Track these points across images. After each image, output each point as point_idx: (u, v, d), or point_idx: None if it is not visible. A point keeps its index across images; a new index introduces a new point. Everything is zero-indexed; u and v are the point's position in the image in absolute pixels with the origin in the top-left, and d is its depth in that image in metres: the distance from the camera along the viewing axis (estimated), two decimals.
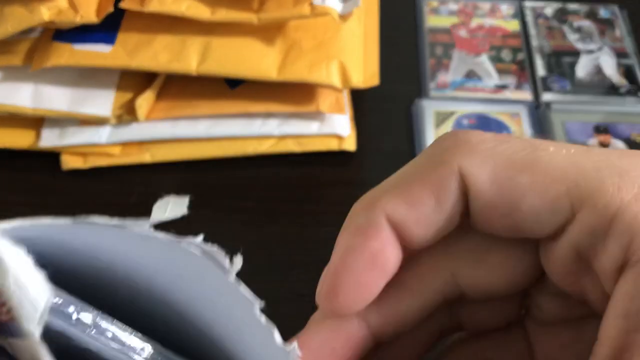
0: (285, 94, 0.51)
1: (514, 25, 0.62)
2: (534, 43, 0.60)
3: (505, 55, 0.60)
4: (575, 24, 0.62)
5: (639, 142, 0.53)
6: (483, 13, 0.63)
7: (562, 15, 0.63)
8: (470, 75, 0.58)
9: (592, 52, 0.60)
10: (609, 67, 0.59)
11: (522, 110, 0.55)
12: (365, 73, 0.52)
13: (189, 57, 0.49)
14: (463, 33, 0.61)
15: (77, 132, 0.51)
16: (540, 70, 0.58)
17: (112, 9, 0.48)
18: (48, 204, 0.50)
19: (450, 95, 0.57)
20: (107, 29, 0.50)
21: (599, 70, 0.58)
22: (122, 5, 0.48)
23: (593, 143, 0.53)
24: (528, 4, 0.64)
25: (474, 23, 0.62)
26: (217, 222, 0.49)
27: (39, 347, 0.16)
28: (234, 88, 0.52)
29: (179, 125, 0.51)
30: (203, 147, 0.52)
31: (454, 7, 0.63)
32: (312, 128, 0.51)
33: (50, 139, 0.51)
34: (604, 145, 0.53)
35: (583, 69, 0.59)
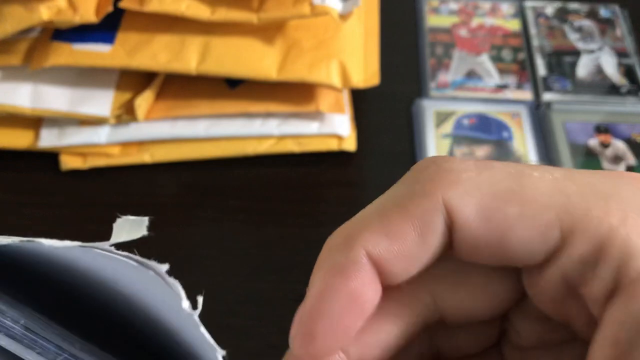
0: (285, 94, 0.51)
1: (515, 25, 0.62)
2: (535, 43, 0.60)
3: (506, 55, 0.59)
4: (576, 24, 0.62)
5: None
6: (483, 12, 0.63)
7: (562, 15, 0.63)
8: (471, 75, 0.58)
9: (592, 51, 0.60)
10: (610, 66, 0.59)
11: (522, 110, 0.55)
12: (366, 73, 0.52)
13: (189, 56, 0.49)
14: (463, 33, 0.61)
15: (76, 132, 0.51)
16: (541, 70, 0.58)
17: (111, 9, 0.48)
18: (48, 204, 0.50)
19: (451, 95, 0.56)
20: (106, 29, 0.50)
21: (600, 70, 0.58)
22: (121, 5, 0.48)
23: (594, 143, 0.53)
24: (529, 4, 0.64)
25: (475, 22, 0.62)
26: (217, 222, 0.49)
27: None
28: (234, 88, 0.52)
29: (179, 125, 0.51)
30: (202, 147, 0.52)
31: (455, 6, 0.63)
32: (312, 128, 0.51)
33: (49, 139, 0.51)
34: (605, 145, 0.53)
35: (584, 69, 0.58)
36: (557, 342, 0.24)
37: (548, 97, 0.56)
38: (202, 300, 0.22)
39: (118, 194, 0.51)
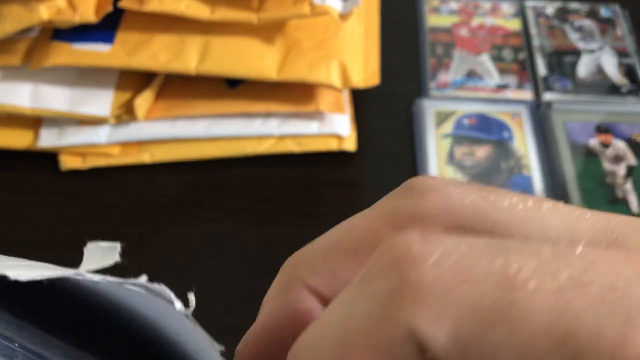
0: (285, 94, 0.51)
1: (515, 25, 0.62)
2: (535, 42, 0.60)
3: (506, 55, 0.59)
4: (576, 23, 0.62)
5: None
6: (484, 12, 0.63)
7: (563, 15, 0.63)
8: (471, 75, 0.58)
9: (593, 51, 0.60)
10: (610, 66, 0.59)
11: (522, 110, 0.55)
12: (366, 72, 0.52)
13: (188, 56, 0.49)
14: (464, 32, 0.61)
15: (76, 132, 0.51)
16: (542, 70, 0.58)
17: (111, 9, 0.48)
18: (48, 204, 0.50)
19: (451, 95, 0.56)
20: (106, 29, 0.50)
21: (600, 70, 0.58)
22: (121, 5, 0.48)
23: (594, 143, 0.53)
24: (529, 3, 0.64)
25: (475, 22, 0.62)
26: (217, 222, 0.49)
27: None
28: (234, 88, 0.52)
29: (178, 125, 0.51)
30: (202, 147, 0.52)
31: (455, 6, 0.63)
32: (311, 128, 0.51)
33: (49, 139, 0.51)
34: (605, 145, 0.53)
35: (584, 69, 0.58)
36: None
37: (548, 97, 0.56)
38: (194, 299, 0.22)
39: (118, 194, 0.50)
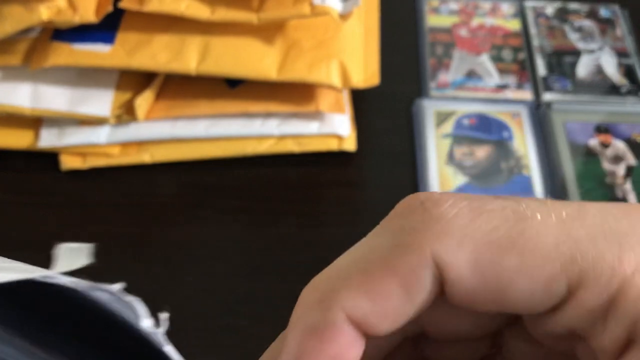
0: (285, 94, 0.51)
1: (515, 25, 0.62)
2: (535, 43, 0.60)
3: (506, 55, 0.59)
4: (576, 24, 0.62)
5: None
6: (484, 12, 0.63)
7: (562, 15, 0.63)
8: (471, 75, 0.58)
9: (592, 51, 0.60)
10: (610, 66, 0.59)
11: (522, 110, 0.55)
12: (366, 73, 0.52)
13: (189, 56, 0.49)
14: (464, 32, 0.61)
15: (76, 132, 0.51)
16: (541, 70, 0.58)
17: (111, 9, 0.48)
18: (48, 204, 0.50)
19: (451, 95, 0.56)
20: (106, 29, 0.50)
21: (600, 70, 0.58)
22: (121, 5, 0.48)
23: (594, 143, 0.53)
24: (529, 4, 0.64)
25: (475, 22, 0.62)
26: (217, 222, 0.49)
27: None
28: (234, 88, 0.52)
29: (178, 125, 0.51)
30: (202, 147, 0.52)
31: (455, 6, 0.63)
32: (311, 128, 0.51)
33: (49, 139, 0.51)
34: (605, 145, 0.53)
35: (584, 69, 0.58)
36: None
37: (548, 97, 0.56)
38: (167, 319, 0.21)
39: (118, 194, 0.51)
